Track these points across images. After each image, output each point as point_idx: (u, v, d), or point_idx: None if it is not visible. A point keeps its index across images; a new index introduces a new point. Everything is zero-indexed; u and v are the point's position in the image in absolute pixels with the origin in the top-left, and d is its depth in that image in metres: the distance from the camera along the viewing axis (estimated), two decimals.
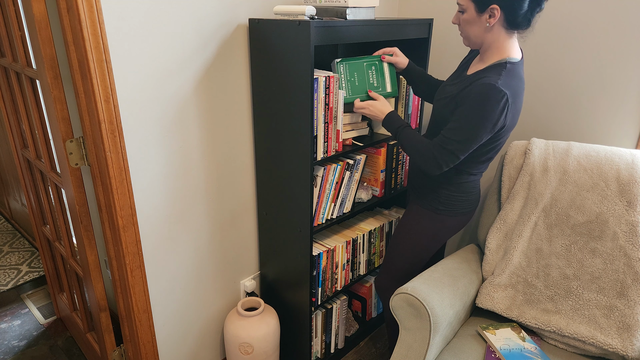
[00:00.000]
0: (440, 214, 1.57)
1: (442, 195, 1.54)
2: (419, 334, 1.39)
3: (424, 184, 1.58)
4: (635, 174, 1.48)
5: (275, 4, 1.69)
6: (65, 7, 1.20)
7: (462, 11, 1.36)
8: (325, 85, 1.54)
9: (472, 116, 1.30)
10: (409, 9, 2.20)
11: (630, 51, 1.63)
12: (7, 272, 2.74)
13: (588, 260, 1.50)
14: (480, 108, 1.28)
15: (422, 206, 1.60)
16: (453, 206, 1.55)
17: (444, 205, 1.55)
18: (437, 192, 1.55)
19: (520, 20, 1.29)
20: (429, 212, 1.58)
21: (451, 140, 1.34)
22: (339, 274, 1.90)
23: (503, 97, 1.26)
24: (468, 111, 1.31)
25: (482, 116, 1.28)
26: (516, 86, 1.32)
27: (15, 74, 1.71)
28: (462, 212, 1.58)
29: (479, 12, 1.31)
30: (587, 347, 1.43)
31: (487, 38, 1.35)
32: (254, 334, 1.74)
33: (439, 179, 1.53)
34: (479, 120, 1.29)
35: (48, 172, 1.69)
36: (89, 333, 1.97)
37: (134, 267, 1.50)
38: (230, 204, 1.78)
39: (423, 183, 1.58)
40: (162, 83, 1.43)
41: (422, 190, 1.59)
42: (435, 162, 1.38)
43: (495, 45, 1.36)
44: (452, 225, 1.60)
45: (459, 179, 1.51)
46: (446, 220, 1.58)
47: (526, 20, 1.30)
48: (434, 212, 1.57)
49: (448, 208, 1.55)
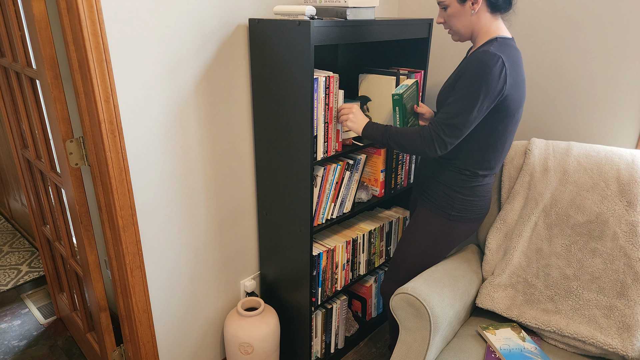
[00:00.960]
0: (452, 220, 1.53)
1: (456, 200, 1.50)
2: (419, 334, 1.39)
3: (436, 188, 1.53)
4: (635, 174, 1.48)
5: (275, 4, 1.69)
6: (65, 7, 1.20)
7: (444, 8, 1.39)
8: (325, 85, 1.54)
9: (469, 84, 1.28)
10: (409, 9, 2.20)
11: (630, 51, 1.63)
12: (7, 272, 2.74)
13: (588, 260, 1.50)
14: (476, 73, 1.27)
15: (433, 212, 1.55)
16: (467, 212, 1.52)
17: (457, 210, 1.51)
18: (450, 197, 1.50)
19: (501, 2, 1.34)
20: (440, 218, 1.54)
21: (452, 114, 1.31)
22: (339, 274, 1.90)
23: (498, 59, 1.26)
24: (465, 81, 1.30)
25: (479, 81, 1.27)
26: (513, 55, 1.32)
27: (15, 74, 1.71)
28: (474, 218, 1.55)
29: (461, 3, 1.35)
30: (587, 347, 1.43)
31: (479, 26, 1.39)
32: (254, 334, 1.74)
33: (452, 182, 1.49)
34: (476, 86, 1.27)
35: (48, 172, 1.69)
36: (89, 333, 1.97)
37: (134, 267, 1.50)
38: (230, 203, 1.78)
39: (435, 187, 1.54)
40: (162, 83, 1.43)
41: (433, 194, 1.55)
42: (440, 140, 1.33)
43: (483, 30, 1.39)
44: (464, 232, 1.57)
45: (473, 181, 1.48)
46: (458, 227, 1.54)
47: (507, 1, 1.35)
48: (447, 219, 1.53)
49: (461, 214, 1.52)
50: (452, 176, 1.49)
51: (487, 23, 1.38)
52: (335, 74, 1.60)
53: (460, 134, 1.33)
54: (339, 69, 2.06)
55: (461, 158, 1.46)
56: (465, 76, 1.30)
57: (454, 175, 1.49)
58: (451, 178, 1.50)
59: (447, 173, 1.50)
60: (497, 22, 1.39)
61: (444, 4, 1.38)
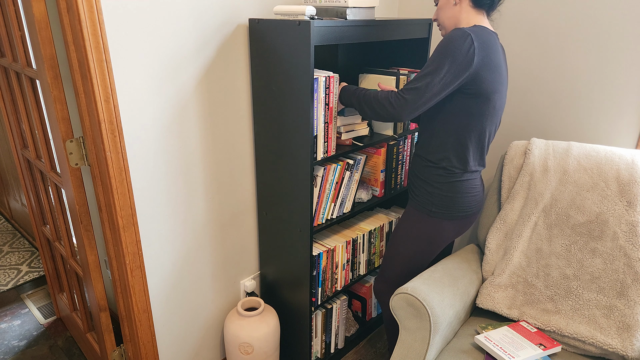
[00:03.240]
0: (434, 217, 1.52)
1: (434, 196, 1.50)
2: (419, 334, 1.39)
3: (418, 185, 1.55)
4: (635, 174, 1.48)
5: (275, 4, 1.69)
6: (65, 7, 1.20)
7: (436, 3, 1.47)
8: (325, 85, 1.54)
9: (435, 55, 1.33)
10: (409, 9, 2.20)
11: (630, 51, 1.63)
12: (7, 272, 2.74)
13: (588, 260, 1.50)
14: (443, 46, 1.32)
15: (416, 208, 1.56)
16: (448, 208, 1.50)
17: (437, 207, 1.51)
18: (429, 193, 1.51)
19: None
20: (422, 215, 1.54)
21: (415, 79, 1.35)
22: (339, 274, 1.90)
23: (467, 36, 1.30)
24: (433, 55, 1.34)
25: (444, 52, 1.31)
26: (486, 38, 1.34)
27: (15, 74, 1.71)
28: (462, 215, 1.52)
29: None
30: (587, 347, 1.43)
31: (461, 19, 1.43)
32: (254, 334, 1.74)
33: (431, 178, 1.50)
34: (442, 56, 1.31)
35: (48, 172, 1.69)
36: (89, 333, 1.97)
37: (134, 267, 1.50)
38: (230, 203, 1.78)
39: (417, 183, 1.55)
40: (162, 83, 1.43)
41: (416, 190, 1.56)
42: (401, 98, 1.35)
43: (464, 22, 1.43)
44: (451, 229, 1.55)
45: (450, 177, 1.47)
46: (442, 224, 1.53)
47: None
48: (428, 215, 1.53)
49: (442, 210, 1.51)
50: (430, 171, 1.50)
51: (469, 16, 1.41)
52: (335, 74, 1.60)
53: (421, 95, 1.33)
54: (339, 69, 2.06)
55: (437, 152, 1.47)
56: (435, 50, 1.35)
57: (431, 171, 1.50)
58: (429, 174, 1.51)
59: (426, 169, 1.51)
60: (480, 16, 1.42)
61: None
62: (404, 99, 1.35)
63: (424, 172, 1.52)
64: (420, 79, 1.33)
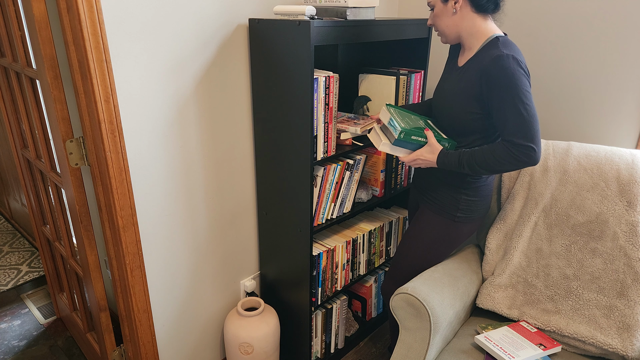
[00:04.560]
0: (457, 221, 1.52)
1: (461, 202, 1.49)
2: (419, 334, 1.39)
3: (441, 190, 1.52)
4: (635, 174, 1.48)
5: (275, 4, 1.69)
6: (65, 7, 1.20)
7: (432, 9, 1.41)
8: (325, 85, 1.54)
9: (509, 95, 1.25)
10: (409, 9, 2.20)
11: (630, 51, 1.63)
12: (7, 272, 2.74)
13: (588, 260, 1.50)
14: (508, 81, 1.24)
15: (437, 213, 1.53)
16: (471, 212, 1.51)
17: (462, 212, 1.50)
18: (455, 198, 1.49)
19: (484, 2, 1.32)
20: (445, 219, 1.53)
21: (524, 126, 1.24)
22: (339, 274, 1.90)
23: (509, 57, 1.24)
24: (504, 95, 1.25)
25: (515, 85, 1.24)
26: (518, 52, 1.31)
27: (15, 74, 1.71)
28: (477, 218, 1.55)
29: (444, 2, 1.36)
30: (587, 347, 1.43)
31: (463, 27, 1.37)
32: (254, 334, 1.74)
33: (457, 184, 1.48)
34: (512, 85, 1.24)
35: (48, 172, 1.69)
36: (89, 333, 1.97)
37: (134, 267, 1.50)
38: (230, 203, 1.78)
39: (440, 189, 1.52)
40: (162, 83, 1.43)
41: (437, 196, 1.53)
42: (532, 151, 1.25)
43: (474, 31, 1.37)
44: (467, 231, 1.56)
45: (478, 181, 1.48)
46: (462, 227, 1.54)
47: (492, 1, 1.33)
48: (451, 220, 1.52)
49: (466, 214, 1.51)
50: (458, 177, 1.48)
51: (476, 24, 1.35)
52: (335, 74, 1.60)
53: (533, 125, 1.25)
54: (339, 69, 2.06)
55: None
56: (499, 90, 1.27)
57: (460, 177, 1.48)
58: (456, 179, 1.48)
59: (452, 175, 1.48)
60: (488, 22, 1.36)
61: (430, 4, 1.40)
62: (531, 147, 1.25)
63: (449, 178, 1.49)
64: (527, 121, 1.24)
